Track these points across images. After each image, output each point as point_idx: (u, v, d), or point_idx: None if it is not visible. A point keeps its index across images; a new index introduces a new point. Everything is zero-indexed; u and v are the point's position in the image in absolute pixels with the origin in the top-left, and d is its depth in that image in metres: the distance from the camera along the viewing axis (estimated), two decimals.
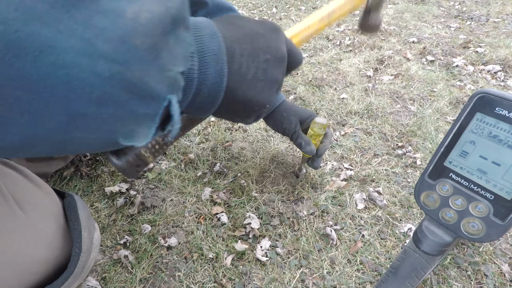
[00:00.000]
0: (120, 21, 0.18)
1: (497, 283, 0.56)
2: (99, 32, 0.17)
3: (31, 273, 0.42)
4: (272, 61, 0.32)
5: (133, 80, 0.19)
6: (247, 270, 0.59)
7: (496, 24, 1.74)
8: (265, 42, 0.31)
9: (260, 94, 0.32)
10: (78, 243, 0.46)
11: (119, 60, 0.18)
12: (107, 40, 0.17)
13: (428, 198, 0.38)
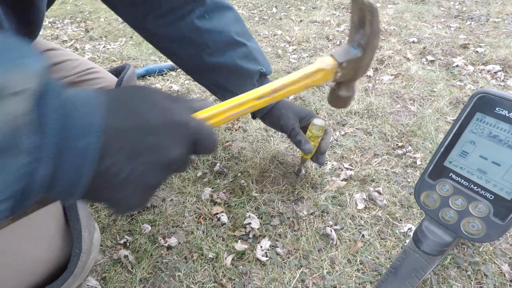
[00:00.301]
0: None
1: (497, 283, 0.56)
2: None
3: (31, 273, 0.42)
4: (154, 165, 0.27)
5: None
6: (247, 270, 0.59)
7: (496, 24, 1.74)
8: (155, 141, 0.26)
9: (128, 199, 0.27)
10: (79, 244, 0.45)
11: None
12: None
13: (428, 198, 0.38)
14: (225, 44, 0.60)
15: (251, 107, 0.38)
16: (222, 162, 0.83)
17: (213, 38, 0.60)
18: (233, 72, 0.62)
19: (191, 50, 0.61)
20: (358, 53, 0.41)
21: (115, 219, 0.69)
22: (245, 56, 0.62)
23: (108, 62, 1.48)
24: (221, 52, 0.61)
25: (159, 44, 0.65)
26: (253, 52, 0.63)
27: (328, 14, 2.08)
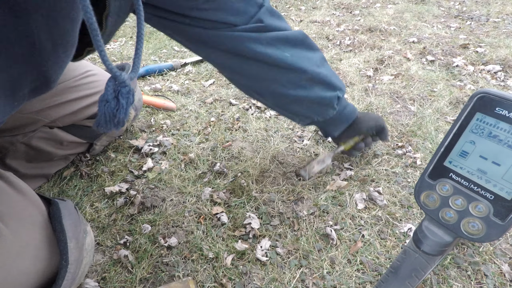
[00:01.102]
0: None
1: (497, 283, 0.56)
2: None
3: (18, 285, 0.40)
4: None
5: None
6: (247, 270, 0.59)
7: (496, 24, 1.74)
8: None
9: None
10: (65, 255, 0.44)
11: None
12: None
13: (428, 198, 0.38)
14: (308, 79, 0.62)
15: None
16: (222, 162, 0.83)
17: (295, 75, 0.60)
18: (315, 103, 0.65)
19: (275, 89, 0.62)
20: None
21: (115, 219, 0.69)
22: (325, 86, 0.64)
23: None
24: (304, 87, 0.62)
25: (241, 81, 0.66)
26: (331, 79, 0.64)
27: (328, 14, 2.08)
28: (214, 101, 1.11)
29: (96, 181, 0.79)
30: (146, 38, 1.84)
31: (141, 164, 0.83)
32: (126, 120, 0.39)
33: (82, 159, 0.84)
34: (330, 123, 0.73)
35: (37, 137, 0.71)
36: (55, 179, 0.79)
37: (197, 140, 0.91)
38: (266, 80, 0.61)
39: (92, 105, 0.76)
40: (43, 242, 0.43)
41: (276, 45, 0.57)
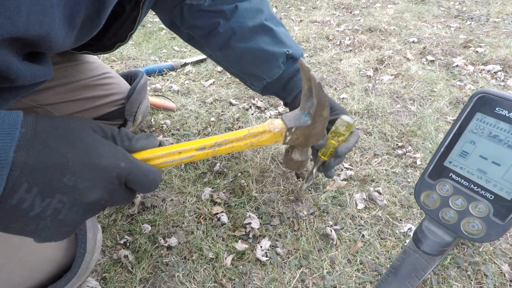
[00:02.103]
0: None
1: (497, 283, 0.56)
2: None
3: (38, 271, 0.42)
4: (71, 205, 0.26)
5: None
6: (247, 270, 0.59)
7: (496, 24, 1.74)
8: (71, 181, 0.26)
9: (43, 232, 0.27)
10: (83, 244, 0.46)
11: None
12: None
13: (428, 198, 0.38)
14: (251, 29, 0.60)
15: (190, 157, 0.37)
16: (222, 162, 0.83)
17: (240, 23, 0.59)
18: (258, 57, 0.61)
19: (219, 39, 0.61)
20: (308, 121, 0.41)
21: (115, 219, 0.69)
22: (270, 40, 0.61)
23: (108, 62, 1.48)
24: (248, 37, 0.60)
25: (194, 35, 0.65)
26: (279, 35, 0.62)
27: (328, 14, 2.08)
28: (214, 101, 1.11)
29: None
30: (146, 38, 1.84)
31: None
32: None
33: None
34: (282, 88, 0.66)
35: None
36: None
37: None
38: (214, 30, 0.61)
39: (104, 105, 0.77)
40: None
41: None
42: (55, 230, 0.27)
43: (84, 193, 0.27)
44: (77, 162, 0.26)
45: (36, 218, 0.25)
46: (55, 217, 0.26)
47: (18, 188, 0.24)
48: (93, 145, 0.28)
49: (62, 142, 0.26)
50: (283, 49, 0.62)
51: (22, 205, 0.24)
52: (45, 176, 0.25)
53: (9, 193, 0.23)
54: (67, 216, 0.27)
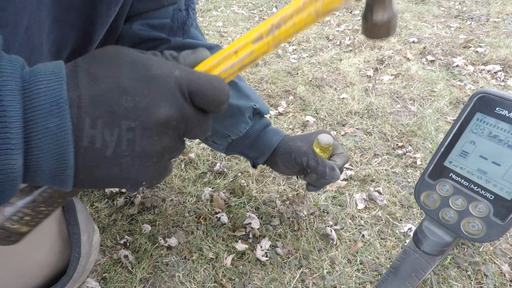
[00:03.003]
0: None
1: (497, 283, 0.56)
2: None
3: (32, 277, 0.42)
4: (141, 129, 0.23)
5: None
6: (247, 270, 0.59)
7: (496, 24, 1.74)
8: (130, 101, 0.23)
9: (130, 172, 0.24)
10: (77, 248, 0.45)
11: None
12: None
13: (428, 198, 0.38)
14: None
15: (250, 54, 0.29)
16: (222, 162, 0.83)
17: None
18: (226, 113, 0.55)
19: None
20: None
21: (115, 219, 0.69)
22: (234, 93, 0.57)
23: None
24: None
25: None
26: (243, 89, 0.58)
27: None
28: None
29: None
30: None
31: None
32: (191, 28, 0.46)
33: None
34: (250, 146, 0.60)
35: None
36: None
37: (197, 140, 0.91)
38: None
39: None
40: (58, 236, 0.44)
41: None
42: (140, 167, 0.25)
43: (149, 112, 0.23)
44: (127, 79, 0.23)
45: (115, 157, 0.23)
46: (133, 150, 0.24)
47: (83, 125, 0.22)
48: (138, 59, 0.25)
49: (106, 66, 0.24)
50: (249, 103, 0.57)
51: (95, 145, 0.22)
52: (103, 105, 0.22)
53: (77, 134, 0.21)
54: (144, 145, 0.24)
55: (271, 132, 0.60)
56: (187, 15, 0.47)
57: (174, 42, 0.54)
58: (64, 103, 0.21)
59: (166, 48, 0.55)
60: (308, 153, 0.54)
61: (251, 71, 1.34)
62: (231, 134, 0.57)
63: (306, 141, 0.56)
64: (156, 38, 0.54)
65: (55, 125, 0.20)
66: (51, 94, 0.20)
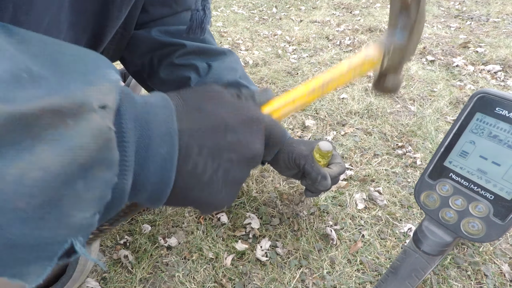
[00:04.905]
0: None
1: (497, 283, 0.56)
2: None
3: None
4: (238, 161, 0.27)
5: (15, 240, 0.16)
6: (247, 270, 0.59)
7: (496, 24, 1.74)
8: (234, 137, 0.27)
9: (217, 196, 0.28)
10: None
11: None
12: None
13: (428, 198, 0.38)
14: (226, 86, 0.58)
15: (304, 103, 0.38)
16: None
17: (214, 79, 0.58)
18: None
19: None
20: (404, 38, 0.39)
21: None
22: None
23: None
24: None
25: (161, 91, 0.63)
26: None
27: (328, 14, 2.08)
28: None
29: None
30: None
31: None
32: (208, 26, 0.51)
33: None
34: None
35: None
36: None
37: None
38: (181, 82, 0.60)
39: None
40: None
41: None
42: (226, 193, 0.29)
43: (248, 147, 0.28)
44: (233, 118, 0.27)
45: (209, 182, 0.26)
46: (226, 177, 0.27)
47: (191, 152, 0.24)
48: (236, 102, 0.29)
49: (212, 104, 0.27)
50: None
51: (196, 170, 0.25)
52: (211, 137, 0.25)
53: (184, 159, 0.24)
54: (235, 174, 0.28)
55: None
56: (204, 14, 0.51)
57: (189, 46, 0.58)
58: (174, 133, 0.23)
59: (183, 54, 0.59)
60: (307, 158, 0.57)
61: (251, 71, 1.34)
62: None
63: (308, 146, 0.59)
64: (174, 44, 0.58)
65: (166, 151, 0.23)
66: (165, 125, 0.23)
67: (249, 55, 1.50)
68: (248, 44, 1.66)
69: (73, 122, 0.17)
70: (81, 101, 0.18)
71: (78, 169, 0.17)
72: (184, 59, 0.58)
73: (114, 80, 0.21)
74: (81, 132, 0.17)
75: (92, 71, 0.20)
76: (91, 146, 0.17)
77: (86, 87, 0.19)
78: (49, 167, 0.16)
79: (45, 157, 0.15)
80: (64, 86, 0.18)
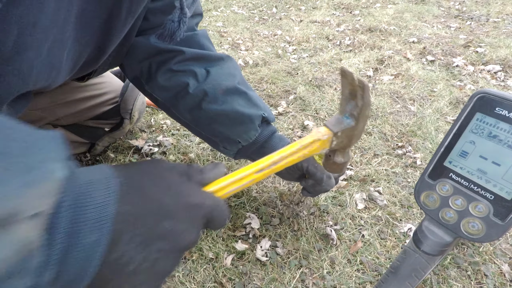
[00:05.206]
0: None
1: (497, 283, 0.56)
2: None
3: None
4: (168, 251, 0.25)
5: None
6: (247, 270, 0.59)
7: (496, 24, 1.74)
8: (170, 225, 0.25)
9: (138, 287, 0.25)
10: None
11: None
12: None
13: (428, 198, 0.38)
14: (225, 91, 0.58)
15: (252, 181, 0.38)
16: (222, 162, 0.83)
17: (212, 85, 0.58)
18: (234, 119, 0.58)
19: (189, 100, 0.59)
20: (351, 123, 0.42)
21: None
22: (245, 103, 0.59)
23: None
24: (221, 100, 0.58)
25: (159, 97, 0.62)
26: (253, 98, 0.61)
27: (328, 14, 2.08)
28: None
29: None
30: None
31: None
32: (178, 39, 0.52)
33: (82, 159, 0.84)
34: (257, 152, 0.62)
35: None
36: None
37: (197, 140, 0.91)
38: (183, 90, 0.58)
39: (98, 105, 0.76)
40: None
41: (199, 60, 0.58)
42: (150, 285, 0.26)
43: (182, 236, 0.26)
44: (173, 204, 0.26)
45: (133, 273, 0.24)
46: (152, 269, 0.25)
47: (120, 240, 0.22)
48: (179, 185, 0.28)
49: (156, 186, 0.26)
50: (259, 111, 0.60)
51: (120, 260, 0.23)
52: (146, 225, 0.24)
53: (111, 247, 0.22)
54: (163, 265, 0.25)
55: (277, 138, 0.62)
56: (178, 27, 0.51)
57: (187, 53, 0.58)
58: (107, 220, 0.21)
59: (181, 60, 0.58)
60: (309, 160, 0.58)
61: (251, 71, 1.34)
62: (241, 140, 0.60)
63: None
64: (172, 50, 0.58)
65: (93, 240, 0.21)
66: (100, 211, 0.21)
67: (249, 55, 1.50)
68: (248, 44, 1.66)
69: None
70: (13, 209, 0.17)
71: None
72: (182, 65, 0.58)
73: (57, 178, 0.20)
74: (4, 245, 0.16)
75: (38, 166, 0.19)
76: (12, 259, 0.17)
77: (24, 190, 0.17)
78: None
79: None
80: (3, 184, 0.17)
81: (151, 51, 0.58)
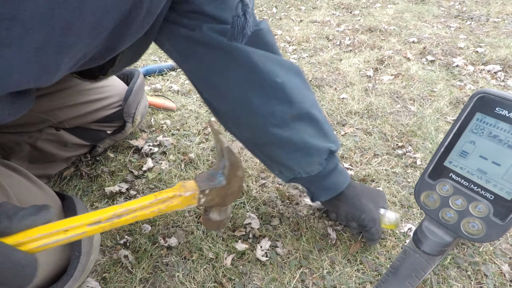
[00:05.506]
0: None
1: (497, 283, 0.56)
2: None
3: None
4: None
5: None
6: (247, 270, 0.59)
7: (496, 24, 1.74)
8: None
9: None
10: (78, 246, 0.45)
11: None
12: None
13: (428, 198, 0.38)
14: (295, 117, 0.51)
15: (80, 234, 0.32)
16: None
17: (281, 107, 0.50)
18: (300, 149, 0.52)
19: (254, 119, 0.52)
20: (223, 181, 0.40)
21: None
22: (315, 132, 0.53)
23: None
24: (289, 125, 0.51)
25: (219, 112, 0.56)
26: (324, 127, 0.54)
27: (328, 14, 2.08)
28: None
29: (96, 181, 0.79)
30: None
31: (141, 164, 0.83)
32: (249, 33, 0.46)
33: (82, 159, 0.84)
34: (315, 185, 0.58)
35: (43, 138, 0.71)
36: (55, 179, 0.79)
37: (197, 140, 0.91)
38: (245, 102, 0.50)
39: (101, 109, 0.76)
40: None
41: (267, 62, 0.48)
42: None
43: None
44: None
45: None
46: None
47: None
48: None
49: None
50: (328, 144, 0.54)
51: None
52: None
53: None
54: None
55: (338, 173, 0.58)
56: (245, 20, 0.45)
57: None
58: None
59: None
60: (376, 221, 0.58)
61: None
62: (301, 171, 0.55)
63: (376, 205, 0.60)
64: None
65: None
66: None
67: None
68: None
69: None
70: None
71: None
72: None
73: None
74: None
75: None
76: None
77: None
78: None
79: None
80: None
81: None
